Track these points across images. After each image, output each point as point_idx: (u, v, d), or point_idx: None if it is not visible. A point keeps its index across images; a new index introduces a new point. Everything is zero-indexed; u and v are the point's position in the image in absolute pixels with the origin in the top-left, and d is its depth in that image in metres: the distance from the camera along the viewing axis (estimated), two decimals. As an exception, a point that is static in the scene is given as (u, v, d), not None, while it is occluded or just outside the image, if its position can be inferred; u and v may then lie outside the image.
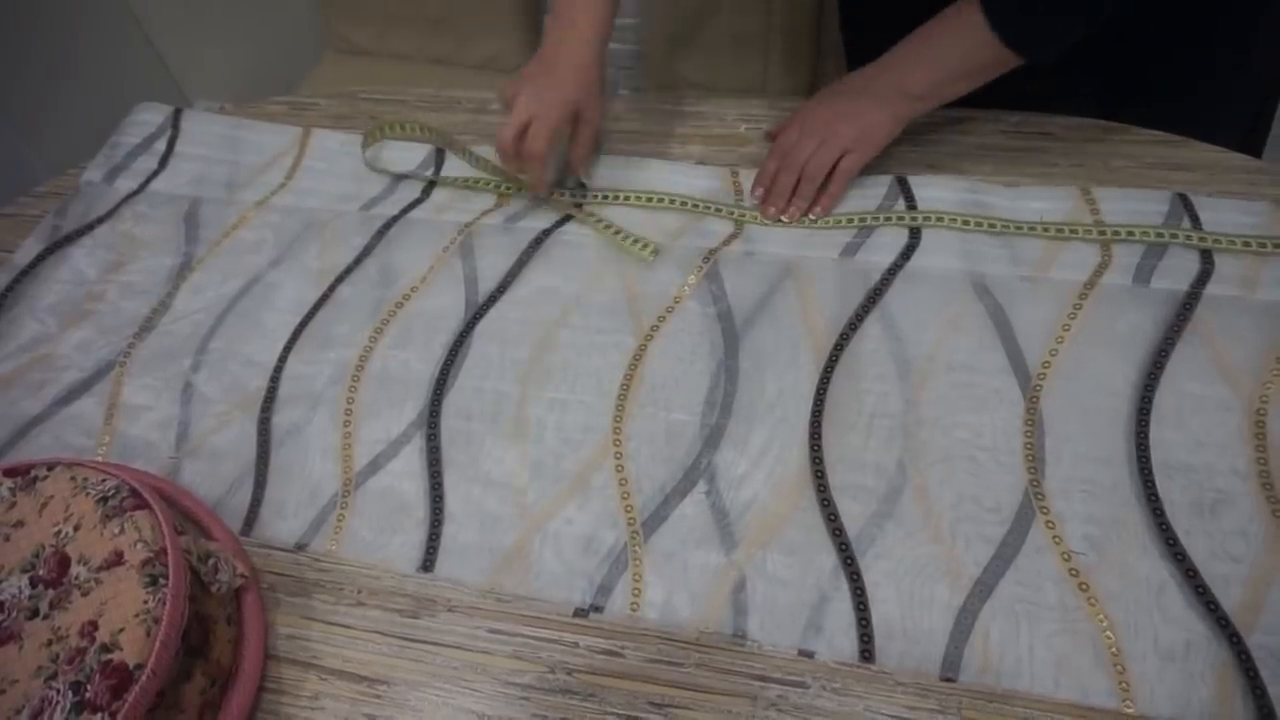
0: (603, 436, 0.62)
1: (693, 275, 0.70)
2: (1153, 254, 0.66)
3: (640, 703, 0.51)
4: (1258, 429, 0.57)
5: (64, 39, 1.78)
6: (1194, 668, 0.49)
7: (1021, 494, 0.56)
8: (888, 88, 0.70)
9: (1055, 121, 0.78)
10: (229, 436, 0.65)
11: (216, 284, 0.75)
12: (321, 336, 0.70)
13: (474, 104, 0.89)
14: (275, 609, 0.56)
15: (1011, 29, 0.63)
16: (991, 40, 0.64)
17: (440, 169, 0.81)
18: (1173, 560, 0.53)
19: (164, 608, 0.45)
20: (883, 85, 0.70)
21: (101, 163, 0.86)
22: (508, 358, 0.67)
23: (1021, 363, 0.62)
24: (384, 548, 0.59)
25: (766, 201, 0.73)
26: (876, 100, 0.70)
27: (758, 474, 0.59)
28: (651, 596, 0.55)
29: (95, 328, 0.73)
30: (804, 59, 1.34)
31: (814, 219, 0.71)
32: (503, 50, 1.53)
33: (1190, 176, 0.72)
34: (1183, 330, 0.62)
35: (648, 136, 0.83)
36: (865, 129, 0.71)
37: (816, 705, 0.50)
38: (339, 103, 0.92)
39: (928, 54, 0.68)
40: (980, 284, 0.67)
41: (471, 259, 0.74)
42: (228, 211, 0.80)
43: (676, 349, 0.66)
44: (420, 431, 0.63)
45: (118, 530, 0.48)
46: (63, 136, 1.73)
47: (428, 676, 0.53)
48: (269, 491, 0.62)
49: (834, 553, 0.55)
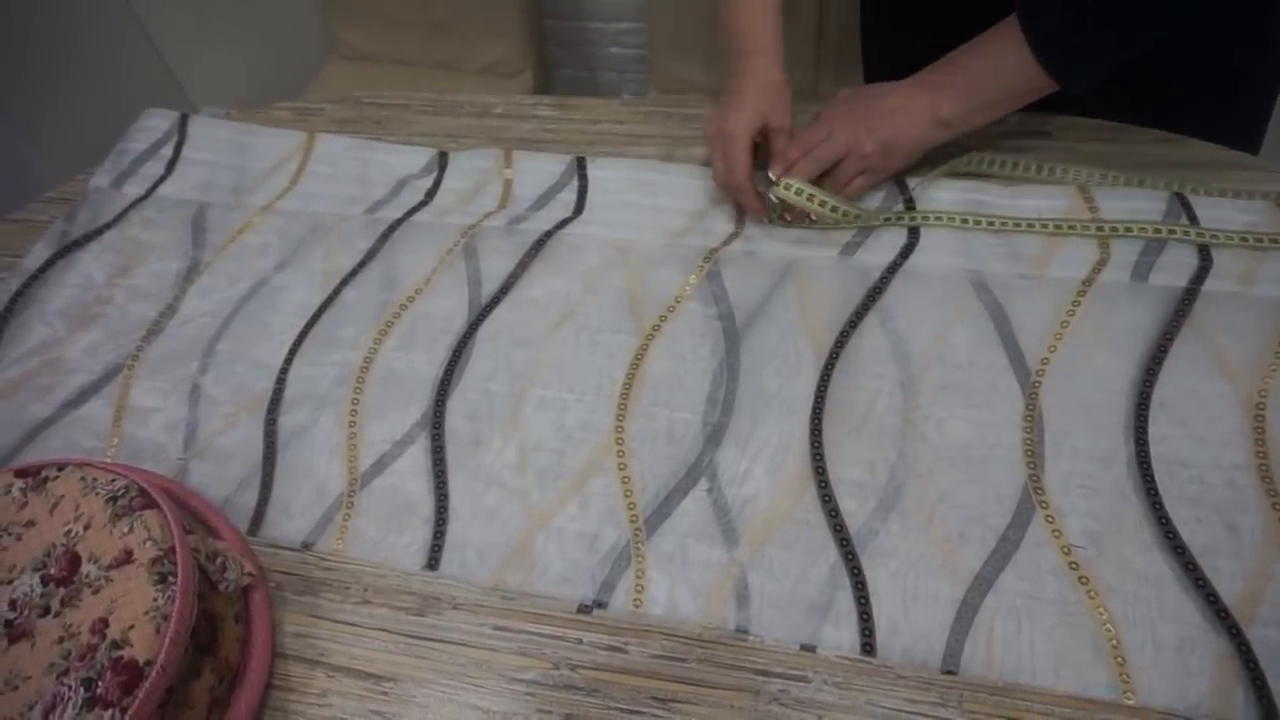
0: (605, 435, 0.62)
1: (694, 275, 0.70)
2: (1151, 250, 0.67)
3: (643, 698, 0.51)
4: (1256, 423, 0.58)
5: (68, 44, 1.80)
6: (1193, 660, 0.49)
7: (1021, 489, 0.57)
8: (920, 110, 0.69)
9: (1054, 121, 0.78)
10: (236, 438, 0.65)
11: (223, 287, 0.76)
12: (327, 339, 0.71)
13: (477, 108, 0.90)
14: (282, 607, 0.57)
15: (1053, 50, 0.63)
16: (1030, 63, 0.63)
17: (444, 171, 0.82)
18: (1172, 554, 0.53)
19: (173, 605, 0.46)
20: (916, 107, 0.69)
21: (109, 168, 0.87)
22: (511, 358, 0.67)
23: (1021, 359, 0.62)
24: (390, 547, 0.59)
25: None
26: (908, 122, 0.70)
27: (759, 471, 0.59)
28: (654, 593, 0.55)
29: (103, 331, 0.73)
30: (806, 62, 1.35)
31: (813, 221, 0.72)
32: (506, 55, 1.55)
33: (1187, 174, 0.72)
34: (1181, 326, 0.62)
35: (650, 139, 0.84)
36: (890, 151, 0.70)
37: (818, 699, 0.50)
38: (343, 107, 0.93)
39: (964, 78, 0.68)
40: (979, 281, 0.67)
41: (475, 260, 0.74)
42: (234, 216, 0.81)
43: (678, 348, 0.66)
44: (425, 432, 0.64)
45: (127, 529, 0.49)
46: (67, 141, 1.75)
47: (433, 673, 0.53)
48: (275, 492, 0.62)
49: (835, 548, 0.55)
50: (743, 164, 0.70)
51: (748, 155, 0.70)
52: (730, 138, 0.70)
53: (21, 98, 1.71)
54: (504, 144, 0.85)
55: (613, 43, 1.78)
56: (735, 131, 0.70)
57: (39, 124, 1.74)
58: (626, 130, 0.85)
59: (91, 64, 1.86)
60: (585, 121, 0.87)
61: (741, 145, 0.70)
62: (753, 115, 0.70)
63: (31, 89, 1.73)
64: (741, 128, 0.70)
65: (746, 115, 0.70)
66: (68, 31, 1.80)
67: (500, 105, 0.90)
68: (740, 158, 0.70)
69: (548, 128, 0.87)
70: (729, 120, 0.70)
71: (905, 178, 0.74)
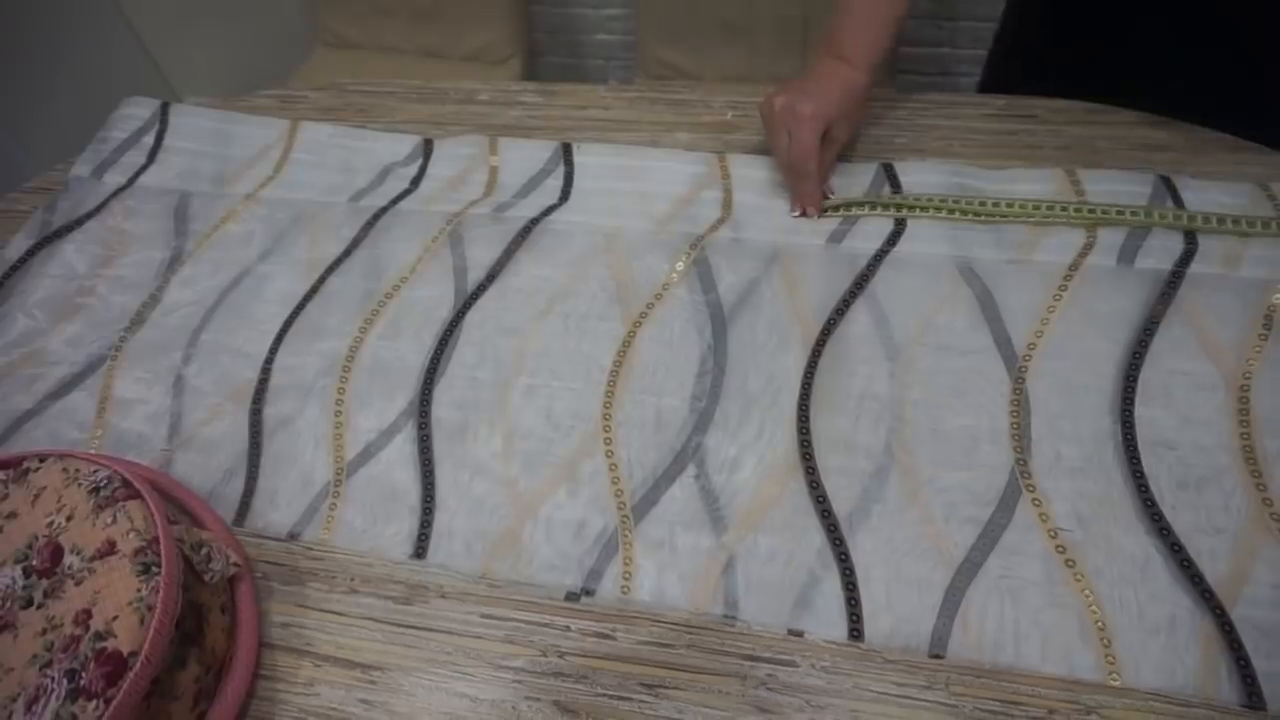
0: (593, 423, 0.62)
1: (681, 262, 0.70)
2: (1137, 235, 0.67)
3: (631, 684, 0.51)
4: (1241, 405, 0.58)
5: (51, 34, 1.78)
6: (1179, 640, 0.50)
7: (1008, 473, 0.57)
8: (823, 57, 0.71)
9: (1040, 104, 0.78)
10: (221, 428, 0.65)
11: (206, 277, 0.75)
12: (312, 328, 0.70)
13: (461, 94, 0.90)
14: (269, 597, 0.57)
15: None
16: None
17: (429, 159, 0.82)
18: (1158, 535, 0.53)
19: (157, 595, 0.46)
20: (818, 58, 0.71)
21: (90, 157, 0.86)
22: (498, 346, 0.67)
23: (1008, 344, 0.62)
24: (377, 536, 0.59)
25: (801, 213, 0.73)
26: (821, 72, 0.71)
27: (747, 457, 0.59)
28: (642, 580, 0.55)
29: (86, 322, 0.73)
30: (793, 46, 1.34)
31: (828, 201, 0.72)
32: (493, 42, 1.54)
33: (1174, 157, 0.72)
34: (1167, 309, 0.63)
35: (635, 125, 0.83)
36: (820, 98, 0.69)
37: (806, 684, 0.50)
38: (327, 95, 0.92)
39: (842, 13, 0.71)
40: (966, 268, 0.67)
41: (461, 248, 0.74)
42: (217, 205, 0.81)
43: (666, 335, 0.66)
44: (411, 420, 0.64)
45: (110, 520, 0.49)
46: (49, 131, 1.73)
47: (421, 662, 0.53)
48: (261, 482, 0.62)
49: (822, 533, 0.55)
50: (813, 148, 0.69)
51: (817, 139, 0.69)
52: (801, 119, 0.68)
53: (3, 87, 1.69)
54: (489, 131, 0.84)
55: (600, 29, 1.77)
56: (808, 114, 0.68)
57: (20, 114, 1.72)
58: (613, 116, 0.85)
59: (74, 53, 1.84)
60: (571, 108, 0.86)
61: (813, 129, 0.68)
62: (830, 105, 0.69)
63: (13, 78, 1.71)
64: (819, 111, 0.68)
65: (825, 103, 0.68)
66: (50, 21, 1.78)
67: (485, 92, 0.90)
68: (810, 140, 0.68)
69: (533, 114, 0.86)
70: (804, 102, 0.68)
71: (893, 162, 0.74)
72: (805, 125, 0.68)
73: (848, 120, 0.71)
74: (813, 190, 0.71)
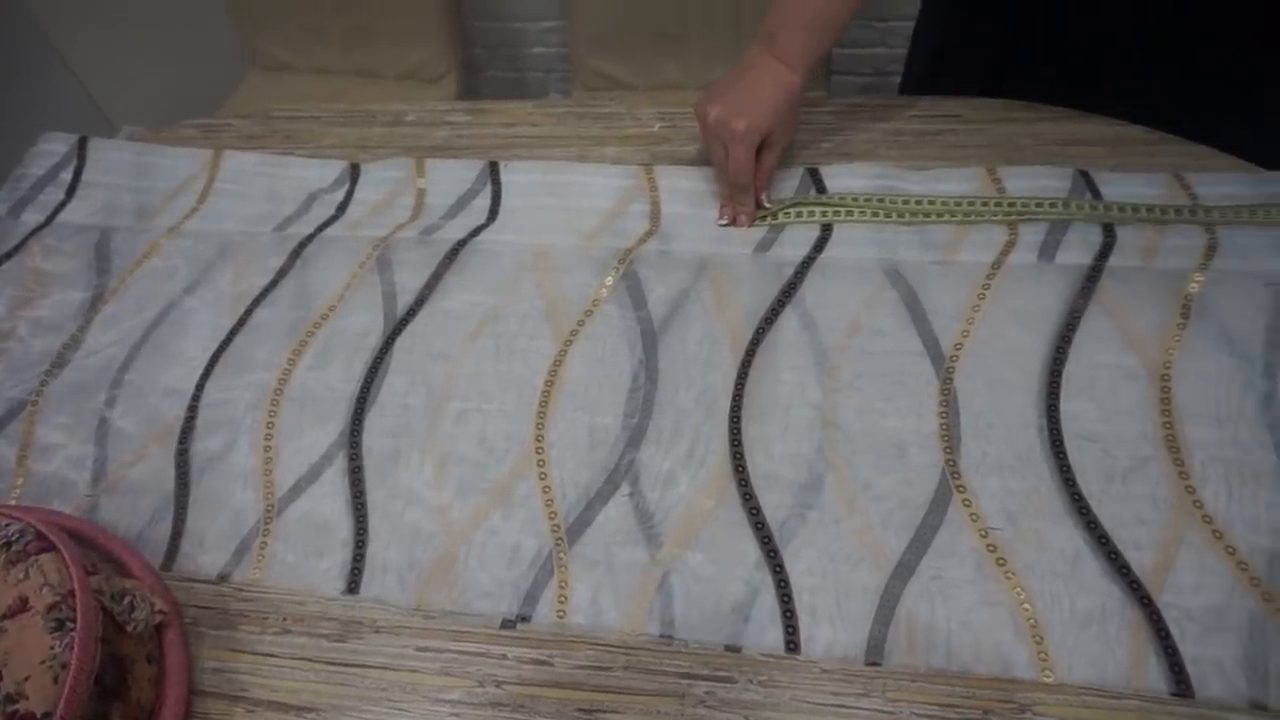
0: (525, 444, 0.61)
1: (610, 276, 0.70)
2: (1057, 230, 0.68)
3: (570, 710, 0.50)
4: (1163, 394, 0.59)
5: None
6: (1109, 631, 0.50)
7: (939, 474, 0.57)
8: (759, 54, 0.70)
9: (965, 103, 0.79)
10: (146, 470, 0.64)
11: (130, 315, 0.73)
12: (240, 361, 0.69)
13: (389, 117, 0.89)
14: (199, 643, 0.55)
15: None
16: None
17: (355, 184, 0.81)
18: (1086, 528, 0.54)
19: (71, 652, 0.44)
20: (754, 54, 0.70)
21: (5, 196, 0.84)
22: (429, 371, 0.66)
23: (935, 345, 0.63)
24: (309, 572, 0.58)
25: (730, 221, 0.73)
26: (756, 76, 0.69)
27: (681, 472, 0.59)
28: (577, 602, 0.54)
29: (5, 367, 0.71)
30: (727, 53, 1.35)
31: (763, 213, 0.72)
32: (428, 59, 1.52)
33: (1093, 151, 0.73)
34: (1089, 303, 0.63)
35: (564, 141, 0.83)
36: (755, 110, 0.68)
37: (744, 699, 0.50)
38: (251, 123, 0.90)
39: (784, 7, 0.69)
40: (893, 270, 0.67)
41: (389, 273, 0.73)
42: (139, 240, 0.79)
43: (597, 351, 0.66)
44: (342, 451, 0.63)
45: (22, 576, 0.47)
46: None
47: (356, 700, 0.52)
48: (190, 523, 0.61)
49: (757, 545, 0.55)
50: (749, 163, 0.69)
51: (753, 154, 0.69)
52: (735, 135, 0.68)
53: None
54: (417, 152, 0.83)
55: (537, 42, 1.77)
56: (742, 130, 0.68)
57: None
58: (541, 133, 0.84)
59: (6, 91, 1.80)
60: (499, 125, 0.86)
61: (748, 144, 0.68)
62: (765, 115, 0.68)
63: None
64: (754, 125, 0.68)
65: (760, 115, 0.68)
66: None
67: (412, 113, 0.89)
68: (746, 156, 0.68)
69: (461, 134, 0.86)
70: (738, 118, 0.68)
71: (819, 166, 0.74)
72: (740, 142, 0.68)
73: (784, 126, 0.71)
74: (748, 202, 0.71)
